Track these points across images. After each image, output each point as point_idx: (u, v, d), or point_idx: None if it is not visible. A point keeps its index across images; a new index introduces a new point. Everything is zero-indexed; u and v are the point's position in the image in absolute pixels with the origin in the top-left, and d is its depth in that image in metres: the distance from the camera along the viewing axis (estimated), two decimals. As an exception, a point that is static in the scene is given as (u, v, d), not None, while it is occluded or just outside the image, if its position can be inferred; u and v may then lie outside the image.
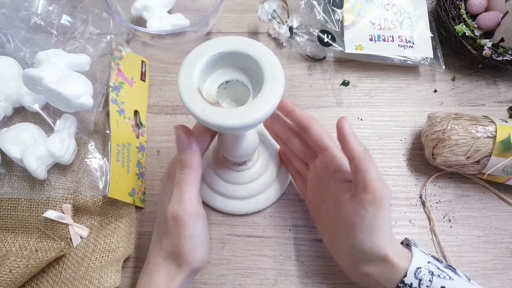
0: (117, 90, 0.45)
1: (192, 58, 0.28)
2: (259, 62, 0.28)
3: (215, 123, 0.26)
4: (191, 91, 0.27)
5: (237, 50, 0.28)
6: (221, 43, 0.28)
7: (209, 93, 0.29)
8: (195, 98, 0.26)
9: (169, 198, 0.31)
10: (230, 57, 0.29)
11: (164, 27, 0.50)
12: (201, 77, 0.28)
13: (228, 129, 0.26)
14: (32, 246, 0.39)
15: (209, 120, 0.26)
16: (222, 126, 0.26)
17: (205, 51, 0.28)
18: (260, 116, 0.26)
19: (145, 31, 0.46)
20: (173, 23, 0.50)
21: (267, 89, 0.26)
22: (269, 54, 0.28)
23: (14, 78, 0.42)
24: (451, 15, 0.48)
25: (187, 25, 0.51)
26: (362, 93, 0.49)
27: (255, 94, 0.29)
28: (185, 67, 0.28)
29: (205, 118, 0.26)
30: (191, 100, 0.26)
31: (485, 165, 0.39)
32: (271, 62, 0.28)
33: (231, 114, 0.26)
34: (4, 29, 0.45)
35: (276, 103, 0.26)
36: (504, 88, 0.48)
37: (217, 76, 0.30)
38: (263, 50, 0.28)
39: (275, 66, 0.28)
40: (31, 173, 0.37)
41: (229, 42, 0.28)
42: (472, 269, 0.39)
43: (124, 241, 0.39)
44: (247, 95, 0.30)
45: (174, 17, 0.51)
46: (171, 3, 0.53)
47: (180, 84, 0.27)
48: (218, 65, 0.30)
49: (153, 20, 0.50)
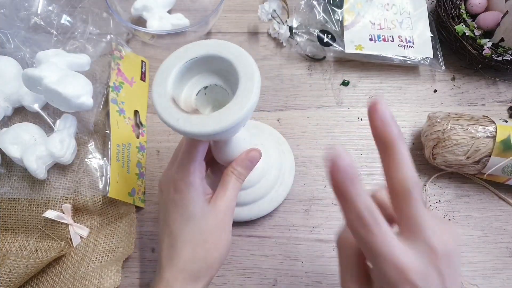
0: (117, 90, 0.45)
1: (165, 68, 0.28)
2: (233, 63, 0.27)
3: (191, 132, 0.25)
4: (165, 101, 0.26)
5: (210, 54, 0.28)
6: (192, 49, 0.28)
7: (188, 101, 0.28)
8: (169, 108, 0.26)
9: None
10: (205, 62, 0.28)
11: (164, 27, 0.50)
12: (176, 86, 0.28)
13: (205, 137, 0.25)
14: (32, 246, 0.39)
15: (185, 129, 0.25)
16: (199, 134, 0.25)
17: (177, 59, 0.28)
18: (237, 119, 0.25)
19: (145, 31, 0.46)
20: (173, 23, 0.50)
21: (241, 90, 0.26)
22: (242, 54, 0.27)
23: (14, 78, 0.42)
24: (451, 15, 0.48)
25: (187, 25, 0.51)
26: (362, 93, 0.49)
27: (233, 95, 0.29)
28: (158, 77, 0.27)
29: (180, 127, 0.25)
30: (165, 110, 0.26)
31: (485, 165, 0.39)
32: (244, 62, 0.27)
33: (206, 121, 0.25)
34: (4, 29, 0.45)
35: (252, 103, 0.25)
36: (504, 88, 0.48)
37: (195, 82, 0.29)
38: (236, 50, 0.27)
39: (249, 65, 0.27)
40: (31, 173, 0.37)
41: (200, 47, 0.28)
42: (472, 269, 0.39)
43: (124, 241, 0.39)
44: (229, 99, 0.29)
45: (174, 17, 0.51)
46: (171, 3, 0.53)
47: (153, 95, 0.27)
48: (193, 71, 0.29)
49: (153, 20, 0.50)
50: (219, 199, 0.31)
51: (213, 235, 0.30)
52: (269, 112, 0.47)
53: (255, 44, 0.52)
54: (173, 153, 0.34)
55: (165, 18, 0.51)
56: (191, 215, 0.30)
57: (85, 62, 0.42)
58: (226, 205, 0.31)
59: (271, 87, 0.49)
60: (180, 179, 0.30)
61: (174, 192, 0.31)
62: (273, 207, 0.41)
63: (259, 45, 0.52)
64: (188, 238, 0.30)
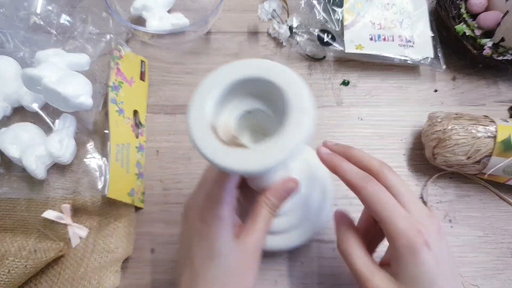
0: (116, 90, 0.44)
1: (204, 88, 0.24)
2: (281, 89, 0.23)
3: (231, 168, 0.22)
4: (203, 128, 0.23)
5: (258, 76, 0.24)
6: (238, 68, 0.25)
7: (226, 127, 0.25)
8: (207, 137, 0.23)
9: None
10: (249, 84, 0.25)
11: (164, 27, 0.50)
12: (215, 110, 0.24)
13: (246, 174, 0.23)
14: (31, 246, 0.39)
15: (224, 165, 0.22)
16: (238, 171, 0.22)
17: (220, 79, 0.24)
18: (283, 157, 0.22)
19: (145, 30, 0.46)
20: (172, 23, 0.50)
21: (291, 122, 0.22)
22: (295, 81, 0.24)
23: (13, 78, 0.41)
24: (451, 15, 0.48)
25: (186, 24, 0.51)
26: (363, 93, 0.48)
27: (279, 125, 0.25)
28: (196, 99, 0.24)
29: (219, 162, 0.22)
30: (202, 140, 0.23)
31: (485, 165, 0.39)
32: (297, 90, 0.23)
33: (248, 157, 0.22)
34: (4, 28, 0.45)
35: (303, 141, 0.22)
36: (504, 88, 0.48)
37: (235, 105, 0.26)
38: (289, 76, 0.24)
39: (303, 95, 0.23)
40: (30, 173, 0.37)
41: (247, 67, 0.24)
42: (473, 269, 0.39)
43: (124, 242, 0.39)
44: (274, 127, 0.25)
45: (173, 17, 0.51)
46: (170, 3, 0.53)
47: (190, 121, 0.23)
48: (235, 93, 0.25)
49: (152, 19, 0.50)
50: (248, 234, 0.28)
51: (238, 276, 0.27)
52: (269, 112, 0.47)
53: (255, 44, 0.52)
54: (202, 174, 0.31)
55: (165, 17, 0.51)
56: (216, 252, 0.27)
57: (85, 62, 0.42)
58: (255, 242, 0.28)
59: (271, 87, 0.49)
60: (208, 209, 0.27)
61: (200, 223, 0.28)
62: (305, 239, 0.37)
63: (259, 44, 0.52)
64: (210, 277, 0.27)
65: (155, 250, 0.40)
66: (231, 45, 0.52)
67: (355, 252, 0.29)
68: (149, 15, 0.50)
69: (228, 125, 0.25)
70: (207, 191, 0.28)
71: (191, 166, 0.44)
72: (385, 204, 0.27)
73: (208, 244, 0.27)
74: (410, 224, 0.26)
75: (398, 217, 0.26)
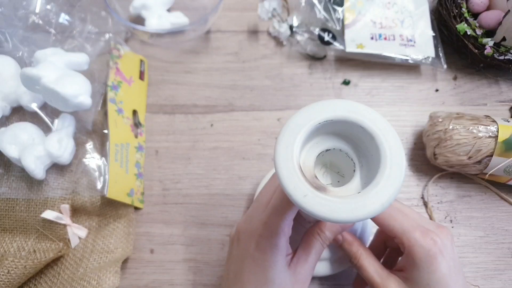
0: (115, 89, 0.44)
1: (295, 126, 0.23)
2: (375, 138, 0.23)
3: (318, 214, 0.21)
4: (291, 168, 0.22)
5: (349, 119, 0.23)
6: (329, 108, 0.24)
7: (306, 165, 0.25)
8: (295, 178, 0.22)
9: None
10: (336, 125, 0.24)
11: (163, 26, 0.49)
12: (300, 148, 0.24)
13: (331, 221, 0.22)
14: (30, 246, 0.38)
15: (311, 210, 0.21)
16: (325, 218, 0.21)
17: (309, 117, 0.23)
18: (373, 212, 0.21)
19: (144, 29, 0.46)
20: (172, 22, 0.50)
21: (384, 176, 0.22)
22: (387, 128, 0.23)
23: (12, 77, 0.41)
24: (452, 14, 0.48)
25: (186, 23, 0.51)
26: (363, 93, 0.48)
27: (364, 170, 0.25)
28: (285, 136, 0.23)
29: (307, 207, 0.21)
30: (291, 181, 0.22)
31: (486, 165, 0.39)
32: (390, 139, 0.22)
33: (338, 206, 0.21)
34: (2, 28, 0.44)
35: (395, 195, 0.22)
36: (506, 88, 0.48)
37: (316, 143, 0.25)
38: (380, 122, 0.23)
39: (395, 145, 0.22)
40: (29, 173, 0.37)
41: (339, 108, 0.24)
42: (474, 269, 0.39)
43: (123, 242, 0.39)
44: (350, 167, 0.25)
45: (173, 16, 0.51)
46: (170, 2, 0.52)
47: (278, 159, 0.22)
48: (318, 132, 0.25)
49: (152, 18, 0.50)
50: (300, 264, 0.29)
51: None
52: (269, 112, 0.47)
53: (255, 42, 0.51)
54: (257, 197, 0.31)
55: (164, 16, 0.50)
56: (270, 280, 0.27)
57: (84, 61, 0.42)
58: (307, 272, 0.29)
59: (271, 86, 0.49)
60: (265, 238, 0.28)
61: (255, 249, 0.28)
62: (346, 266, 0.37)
63: (259, 43, 0.51)
64: None
65: (154, 251, 0.40)
66: (231, 44, 0.51)
67: (367, 261, 0.30)
68: (148, 14, 0.50)
69: (308, 163, 0.25)
70: (265, 218, 0.28)
71: (191, 166, 0.44)
72: (400, 219, 0.29)
73: (262, 271, 0.28)
74: (426, 234, 0.28)
75: (413, 228, 0.28)
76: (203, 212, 0.42)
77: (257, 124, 0.46)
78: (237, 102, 0.48)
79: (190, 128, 0.46)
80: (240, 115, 0.47)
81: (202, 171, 0.44)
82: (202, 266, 0.40)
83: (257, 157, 0.45)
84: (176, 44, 0.51)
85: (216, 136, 0.46)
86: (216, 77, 0.49)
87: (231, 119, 0.47)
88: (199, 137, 0.46)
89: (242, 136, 0.46)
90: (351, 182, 0.24)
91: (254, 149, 0.45)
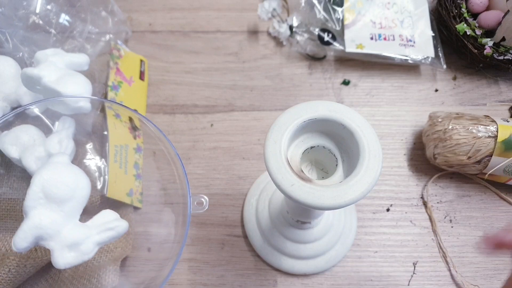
0: (115, 90, 0.44)
1: (281, 124, 0.26)
2: (354, 134, 0.26)
3: (304, 201, 0.24)
4: (279, 161, 0.25)
5: (331, 118, 0.26)
6: (313, 108, 0.27)
7: (293, 160, 0.27)
8: (283, 170, 0.24)
9: None
10: (319, 123, 0.27)
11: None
12: (288, 144, 0.26)
13: (315, 208, 0.24)
14: (31, 246, 0.39)
15: (298, 198, 0.24)
16: (310, 205, 0.24)
17: (295, 116, 0.26)
18: (354, 199, 0.24)
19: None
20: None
21: (364, 167, 0.24)
22: (365, 125, 0.26)
23: (12, 78, 0.41)
24: (452, 14, 0.48)
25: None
26: (363, 93, 0.48)
27: (345, 165, 0.27)
28: (274, 132, 0.26)
29: (294, 195, 0.24)
30: (279, 172, 0.24)
31: (486, 165, 0.39)
32: (368, 134, 0.25)
33: (321, 194, 0.24)
34: (3, 28, 0.44)
35: (373, 184, 0.24)
36: (505, 88, 0.48)
37: (302, 141, 0.28)
38: (359, 120, 0.26)
39: (373, 140, 0.25)
40: (30, 174, 0.37)
41: (321, 108, 0.27)
42: (473, 269, 0.39)
43: (122, 241, 0.39)
44: (332, 163, 0.28)
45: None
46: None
47: (267, 152, 0.25)
48: (304, 130, 0.28)
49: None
50: None
51: None
52: (269, 112, 0.47)
53: (254, 43, 0.52)
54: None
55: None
56: None
57: (84, 62, 0.42)
58: None
59: (271, 86, 0.49)
60: None
61: None
62: (330, 265, 0.39)
63: (259, 44, 0.51)
64: None
65: (151, 249, 0.40)
66: (231, 44, 0.51)
67: None
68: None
69: (294, 158, 0.27)
70: None
71: (190, 167, 0.44)
72: None
73: None
74: None
75: None
76: (203, 212, 0.42)
77: (257, 124, 0.46)
78: (237, 102, 0.48)
79: (190, 128, 0.46)
80: (240, 115, 0.47)
81: (202, 171, 0.44)
82: (202, 265, 0.40)
83: (257, 157, 0.45)
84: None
85: (216, 136, 0.46)
86: (216, 77, 0.49)
87: (231, 119, 0.47)
88: (199, 137, 0.46)
89: (242, 136, 0.46)
90: (334, 175, 0.27)
91: (254, 149, 0.45)
